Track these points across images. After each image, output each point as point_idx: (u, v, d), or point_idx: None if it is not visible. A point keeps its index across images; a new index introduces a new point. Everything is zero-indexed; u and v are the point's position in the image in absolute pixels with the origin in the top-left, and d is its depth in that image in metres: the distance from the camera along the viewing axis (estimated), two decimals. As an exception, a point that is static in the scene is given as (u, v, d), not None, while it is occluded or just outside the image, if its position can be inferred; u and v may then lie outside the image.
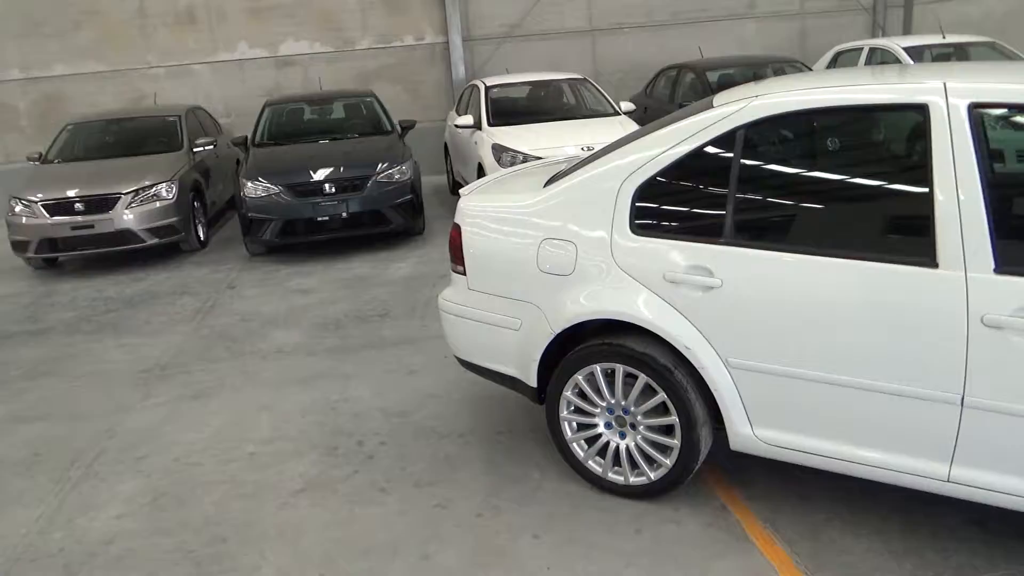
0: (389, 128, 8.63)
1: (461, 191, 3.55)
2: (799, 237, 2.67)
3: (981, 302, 2.30)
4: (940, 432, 2.44)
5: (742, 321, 2.68)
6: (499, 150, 7.58)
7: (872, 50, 9.69)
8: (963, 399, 2.37)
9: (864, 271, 2.48)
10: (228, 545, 3.02)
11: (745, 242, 2.70)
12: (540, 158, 6.49)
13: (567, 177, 3.16)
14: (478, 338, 3.39)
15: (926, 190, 2.42)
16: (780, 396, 2.69)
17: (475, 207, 3.36)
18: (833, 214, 2.72)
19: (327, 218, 7.30)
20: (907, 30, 12.67)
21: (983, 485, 2.42)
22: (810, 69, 9.97)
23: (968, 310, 2.31)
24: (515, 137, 7.71)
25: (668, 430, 2.95)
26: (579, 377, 3.07)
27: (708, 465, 3.26)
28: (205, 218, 8.54)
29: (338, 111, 9.24)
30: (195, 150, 8.55)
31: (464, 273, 3.36)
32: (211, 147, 8.76)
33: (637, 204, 2.91)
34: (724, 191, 2.78)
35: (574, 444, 3.19)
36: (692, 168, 2.85)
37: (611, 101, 8.72)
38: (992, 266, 2.30)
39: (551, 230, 3.08)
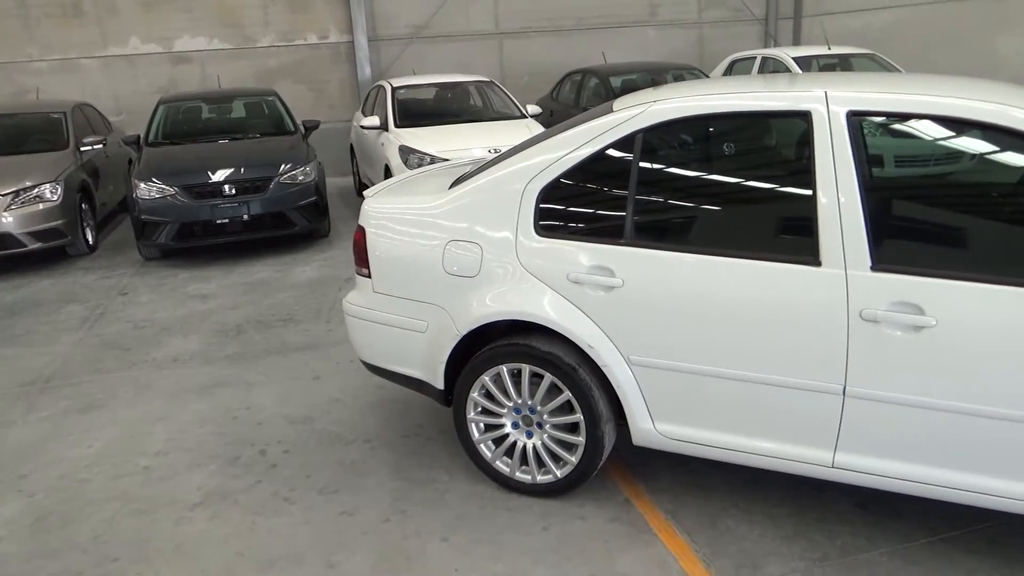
0: (292, 128, 8.42)
1: (365, 193, 3.51)
2: (695, 237, 2.77)
3: (860, 298, 2.45)
4: (825, 421, 2.58)
5: (642, 320, 2.76)
6: (406, 152, 7.52)
7: (765, 59, 10.16)
8: (845, 389, 2.51)
9: (755, 270, 2.60)
10: (120, 564, 2.87)
11: (645, 243, 2.78)
12: (447, 160, 6.48)
13: (472, 179, 3.17)
14: (384, 341, 3.35)
15: (810, 193, 2.56)
16: (679, 391, 2.78)
17: (379, 209, 3.32)
18: (726, 215, 2.84)
19: (227, 221, 7.05)
20: (796, 41, 13.36)
21: (865, 470, 2.58)
22: (707, 76, 10.36)
23: (848, 305, 2.46)
24: (422, 139, 7.67)
25: (573, 428, 3.00)
26: (486, 378, 3.08)
27: (613, 461, 3.34)
28: (94, 221, 8.09)
29: (238, 110, 8.93)
30: (82, 149, 8.08)
31: (369, 276, 3.32)
32: (100, 146, 8.31)
33: (541, 206, 2.95)
34: (624, 193, 2.85)
35: (481, 445, 3.20)
36: (594, 171, 2.92)
37: (518, 104, 8.80)
38: (869, 264, 2.45)
39: (456, 232, 3.08)
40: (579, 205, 2.95)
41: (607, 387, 2.91)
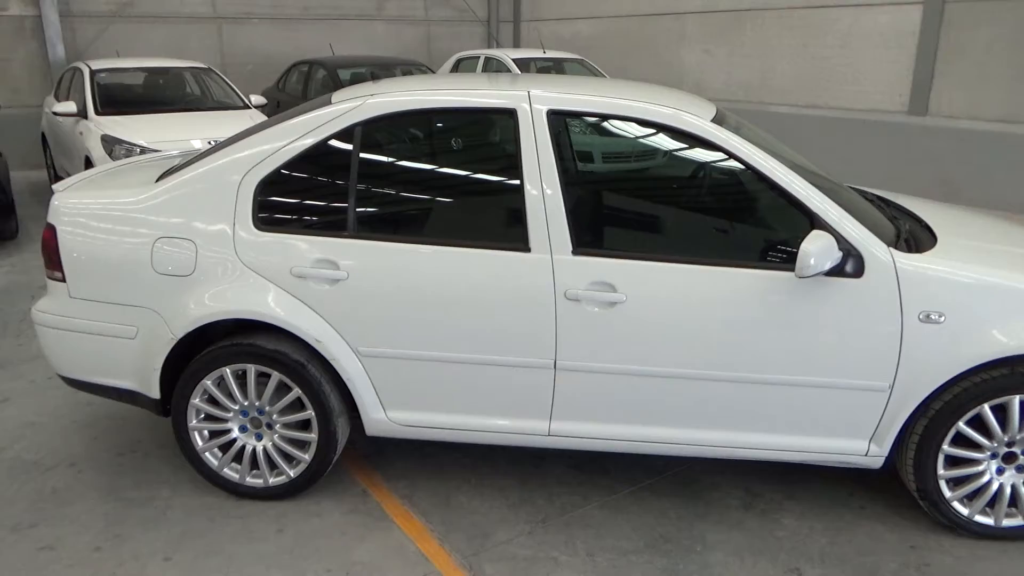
0: (-39, 113, 7.18)
1: (55, 187, 3.12)
2: (416, 228, 2.86)
3: (563, 279, 2.70)
4: (540, 394, 2.82)
5: (368, 311, 2.79)
6: (110, 142, 6.78)
7: (488, 59, 10.67)
8: (555, 363, 2.76)
9: (472, 257, 2.75)
10: None
11: (367, 234, 2.81)
12: (160, 151, 5.96)
13: (183, 171, 2.96)
14: (86, 352, 3.02)
15: (518, 183, 2.76)
16: (407, 379, 2.86)
17: (73, 204, 2.98)
18: (445, 206, 2.96)
19: None
20: (516, 43, 14.21)
21: (576, 434, 2.86)
22: (434, 72, 10.65)
23: (555, 287, 2.70)
24: (129, 128, 6.96)
25: (305, 425, 2.95)
26: (207, 382, 2.91)
27: (348, 454, 3.34)
28: None
29: None
30: None
31: (64, 280, 2.96)
32: None
33: (260, 198, 2.85)
34: (345, 185, 2.86)
35: (207, 454, 3.01)
36: (314, 163, 2.88)
37: (240, 94, 8.34)
38: (571, 248, 2.71)
39: (167, 228, 2.87)
40: (300, 197, 2.90)
41: (338, 381, 2.90)
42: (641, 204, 3.13)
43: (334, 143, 2.87)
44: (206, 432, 3.00)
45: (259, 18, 11.92)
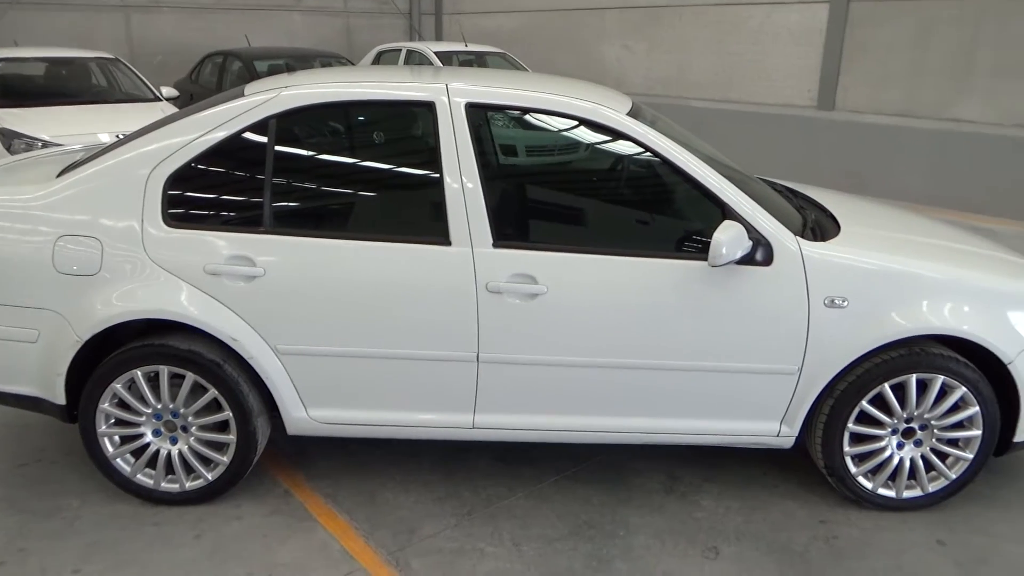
0: None
1: (-58, 183, 2.93)
2: (335, 223, 2.81)
3: (484, 272, 2.71)
4: (464, 387, 2.82)
5: (287, 308, 2.73)
6: (9, 136, 6.41)
7: (410, 52, 10.58)
8: (478, 356, 2.77)
9: (393, 252, 2.73)
10: None
11: (284, 230, 2.75)
12: (62, 145, 5.68)
13: (87, 165, 2.83)
14: (-18, 358, 2.85)
15: (438, 177, 2.75)
16: (329, 376, 2.82)
17: (-38, 202, 2.80)
18: (364, 200, 2.93)
19: None
20: (438, 36, 14.13)
21: (500, 426, 2.88)
22: (354, 64, 10.49)
23: (476, 280, 2.71)
24: (30, 121, 6.61)
25: (223, 426, 2.87)
26: (117, 386, 2.79)
27: (270, 454, 3.27)
28: None
29: None
30: None
31: (-46, 282, 2.79)
32: None
33: (170, 193, 2.75)
34: (261, 179, 2.79)
35: (118, 460, 2.90)
36: (227, 156, 2.80)
37: (150, 85, 8.02)
38: (491, 241, 2.72)
39: (68, 225, 2.73)
40: (213, 192, 2.81)
41: (256, 380, 2.84)
42: (561, 196, 3.17)
43: (248, 136, 2.80)
44: (117, 438, 2.88)
45: (170, 7, 11.49)
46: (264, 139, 2.80)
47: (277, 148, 2.81)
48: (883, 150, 8.26)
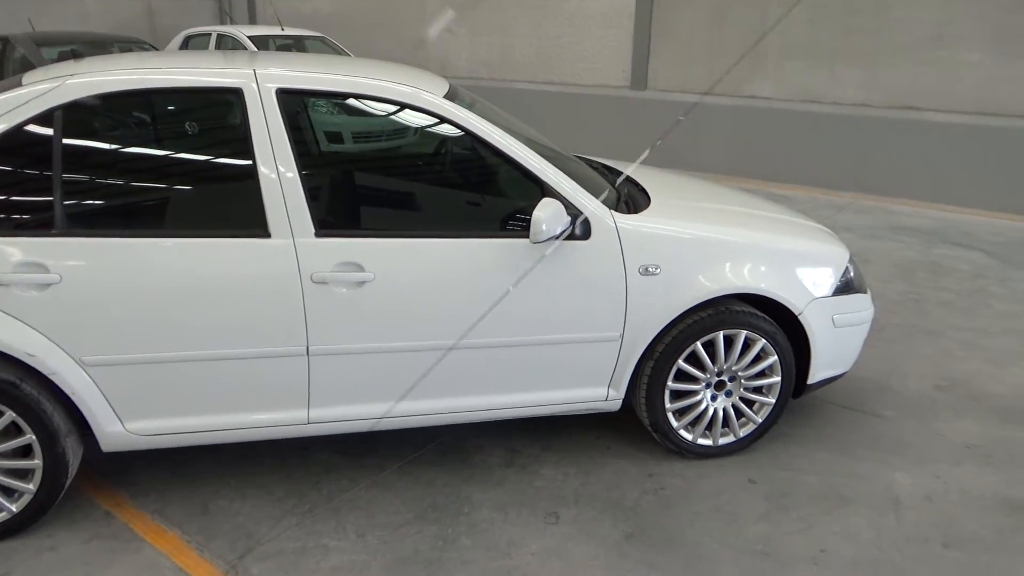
0: None
1: None
2: (139, 220, 2.62)
3: (308, 263, 2.63)
4: (296, 383, 2.74)
5: (90, 315, 2.52)
6: None
7: (221, 36, 9.99)
8: (308, 349, 2.70)
9: (207, 248, 2.58)
10: None
11: (81, 231, 2.53)
12: None
13: None
14: None
15: (252, 166, 2.63)
16: (146, 384, 2.63)
17: None
18: (171, 195, 2.74)
19: None
20: (253, 20, 13.45)
21: (336, 419, 2.83)
22: (158, 50, 9.76)
23: (300, 271, 2.63)
24: None
25: (27, 451, 2.61)
26: None
27: (86, 475, 3.01)
28: None
29: None
30: None
31: None
32: None
33: (-63, 198, 2.44)
34: (49, 177, 2.54)
35: (-103, 502, 2.56)
36: (6, 154, 2.52)
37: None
38: (313, 231, 2.65)
39: None
40: (-9, 195, 2.53)
41: (62, 396, 2.60)
42: (385, 182, 3.14)
43: (30, 129, 2.54)
44: None
45: (-70, -14, 10.12)
46: (49, 132, 2.55)
47: (66, 142, 2.57)
48: (691, 126, 8.87)
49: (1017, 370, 4.02)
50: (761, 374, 3.16)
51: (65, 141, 2.56)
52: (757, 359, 3.12)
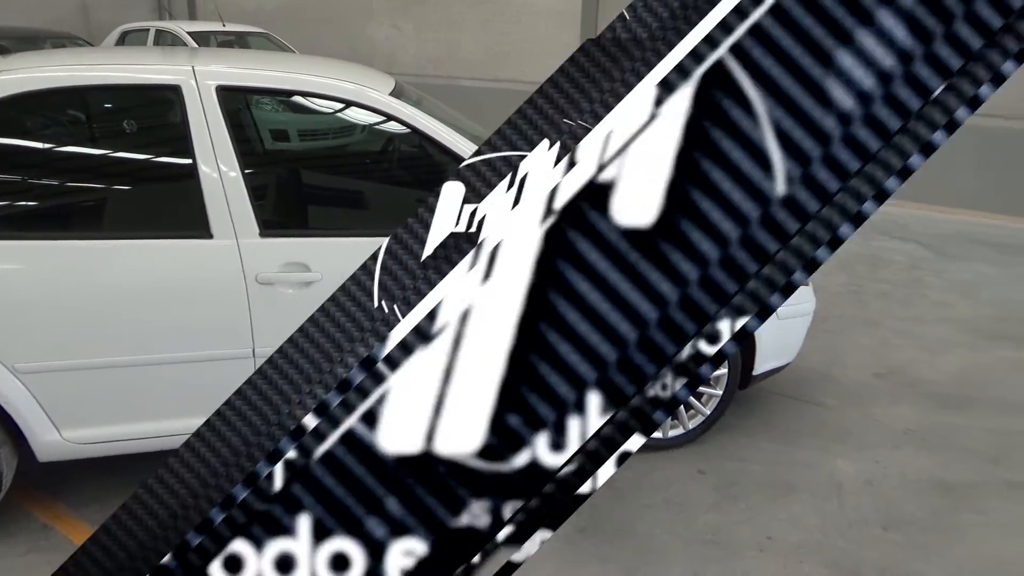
0: None
1: None
2: (74, 222, 2.55)
3: (253, 264, 2.58)
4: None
5: (22, 321, 2.43)
6: None
7: (160, 32, 9.73)
8: (254, 351, 2.65)
9: (147, 250, 2.52)
10: None
11: (12, 233, 2.44)
12: None
13: None
14: None
15: (192, 166, 2.57)
16: (85, 391, 2.55)
17: None
18: (109, 196, 2.67)
19: None
20: (193, 15, 13.13)
21: (285, 421, 2.78)
22: (93, 45, 9.46)
23: (244, 272, 2.58)
24: None
25: (-44, 464, 2.51)
26: None
27: (20, 487, 2.90)
28: None
29: None
30: None
31: None
32: None
33: None
34: (-23, 179, 2.44)
35: None
36: (-73, 154, 2.42)
37: None
38: (257, 231, 2.60)
39: None
40: (-87, 197, 2.42)
41: (-6, 406, 2.50)
42: (332, 180, 3.11)
43: (-46, 129, 2.44)
44: None
45: None
46: (-25, 132, 2.45)
47: (-6, 142, 2.47)
48: (639, 123, 8.96)
49: (951, 357, 4.18)
50: (708, 366, 3.21)
51: (-7, 141, 2.47)
52: (704, 352, 3.17)
